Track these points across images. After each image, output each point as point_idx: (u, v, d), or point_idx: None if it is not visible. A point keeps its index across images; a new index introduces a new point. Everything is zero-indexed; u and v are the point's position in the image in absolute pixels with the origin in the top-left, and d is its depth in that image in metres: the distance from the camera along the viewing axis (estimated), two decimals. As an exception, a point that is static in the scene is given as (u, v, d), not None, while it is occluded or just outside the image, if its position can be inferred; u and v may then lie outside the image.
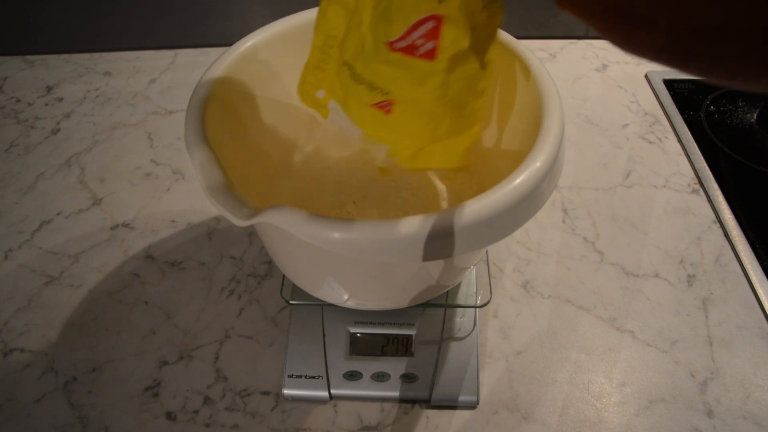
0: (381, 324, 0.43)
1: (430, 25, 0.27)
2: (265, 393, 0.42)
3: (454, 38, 0.27)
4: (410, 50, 0.28)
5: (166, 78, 0.70)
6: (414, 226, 0.26)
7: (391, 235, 0.26)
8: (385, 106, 0.30)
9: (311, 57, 0.34)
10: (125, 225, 0.53)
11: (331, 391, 0.41)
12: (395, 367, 0.42)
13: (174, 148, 0.61)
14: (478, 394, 0.40)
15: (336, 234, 0.26)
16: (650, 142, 0.61)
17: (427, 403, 0.41)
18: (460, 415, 0.40)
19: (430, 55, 0.28)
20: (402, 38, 0.27)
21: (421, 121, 0.30)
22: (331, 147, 0.47)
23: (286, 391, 0.41)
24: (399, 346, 0.42)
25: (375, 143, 0.33)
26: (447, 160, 0.34)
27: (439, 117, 0.30)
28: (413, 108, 0.30)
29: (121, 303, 0.47)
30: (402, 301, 0.39)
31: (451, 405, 0.41)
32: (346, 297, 0.38)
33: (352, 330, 0.43)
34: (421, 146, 0.32)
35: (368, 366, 0.42)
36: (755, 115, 0.63)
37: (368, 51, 0.29)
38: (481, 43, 0.29)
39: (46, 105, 0.66)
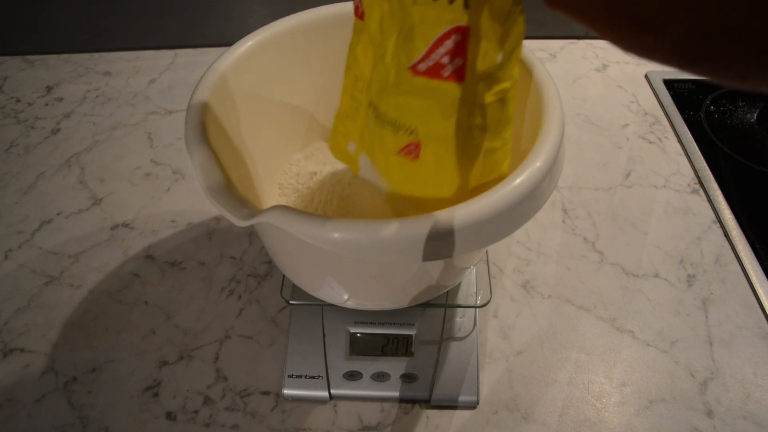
0: (381, 324, 0.43)
1: (455, 39, 0.23)
2: (265, 393, 0.42)
3: (484, 52, 0.24)
4: (435, 71, 0.24)
5: (166, 78, 0.70)
6: (414, 226, 0.26)
7: (391, 235, 0.26)
8: (411, 151, 0.27)
9: (341, 105, 0.30)
10: (125, 225, 0.53)
11: (331, 391, 0.41)
12: (395, 367, 0.42)
13: (174, 148, 0.61)
14: (478, 394, 0.40)
15: (336, 234, 0.26)
16: (650, 142, 0.61)
17: (427, 403, 0.41)
18: (460, 415, 0.40)
19: (459, 75, 0.24)
20: (425, 57, 0.24)
21: (451, 162, 0.27)
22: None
23: (286, 391, 0.41)
24: (399, 346, 0.42)
25: (402, 200, 0.29)
26: None
27: (472, 154, 0.27)
28: (443, 148, 0.26)
29: (121, 303, 0.47)
30: (402, 301, 0.39)
31: (451, 405, 0.41)
32: (346, 297, 0.38)
33: (352, 330, 0.43)
34: (452, 196, 0.28)
35: (368, 366, 0.42)
36: (755, 115, 0.63)
37: (391, 83, 0.26)
38: (509, 57, 0.25)
39: (46, 105, 0.66)
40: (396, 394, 0.41)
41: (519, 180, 0.28)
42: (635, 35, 0.17)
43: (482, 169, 0.28)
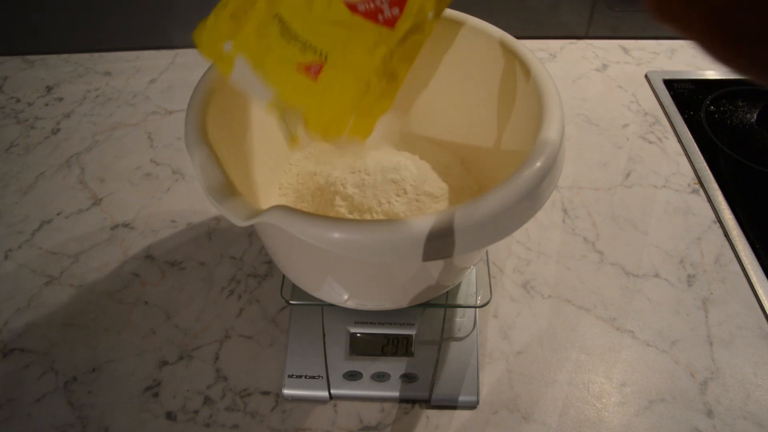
0: (381, 324, 0.43)
1: None
2: (265, 393, 0.42)
3: (420, 7, 0.27)
4: (373, 15, 0.27)
5: (166, 78, 0.70)
6: (414, 226, 0.26)
7: (391, 235, 0.26)
8: (313, 70, 0.28)
9: (229, 3, 0.31)
10: (125, 225, 0.53)
11: (331, 391, 0.41)
12: (395, 367, 0.42)
13: (174, 148, 0.61)
14: (478, 394, 0.40)
15: (336, 234, 0.26)
16: (650, 142, 0.61)
17: (427, 403, 0.41)
18: (460, 415, 0.40)
19: (391, 23, 0.27)
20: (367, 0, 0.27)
21: (352, 88, 0.29)
22: (331, 146, 0.47)
23: (286, 391, 0.41)
24: (399, 346, 0.42)
25: (288, 108, 0.30)
26: (359, 131, 0.31)
27: (373, 85, 0.29)
28: (348, 75, 0.28)
29: (121, 303, 0.47)
30: (402, 301, 0.39)
31: (451, 405, 0.41)
32: (346, 297, 0.38)
33: (352, 330, 0.43)
34: (342, 116, 0.30)
35: (368, 366, 0.42)
36: (755, 115, 0.63)
37: (319, 9, 0.28)
38: (437, 16, 0.28)
39: (46, 105, 0.66)
40: (396, 394, 0.41)
41: (519, 180, 0.28)
42: (734, 51, 0.18)
43: (377, 97, 0.30)
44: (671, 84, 0.67)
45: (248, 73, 0.30)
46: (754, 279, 0.47)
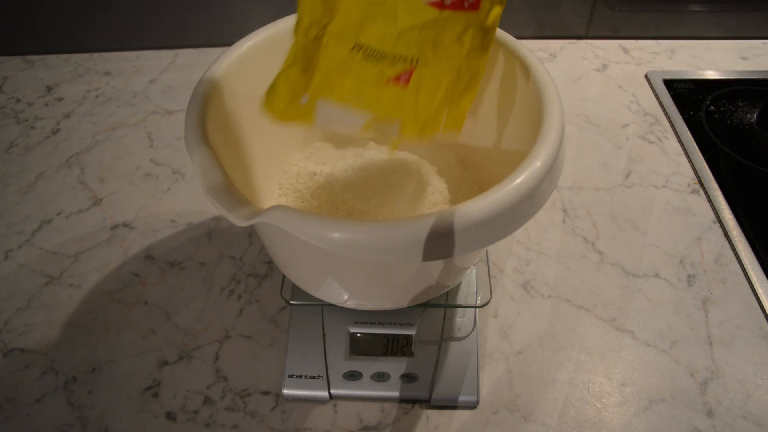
0: (381, 324, 0.43)
1: None
2: (265, 393, 0.42)
3: None
4: (459, 4, 0.27)
5: (166, 78, 0.70)
6: (414, 226, 0.26)
7: (391, 235, 0.26)
8: (403, 79, 0.29)
9: (294, 61, 0.29)
10: (125, 225, 0.53)
11: (331, 391, 0.41)
12: (395, 367, 0.42)
13: (174, 148, 0.61)
14: (478, 394, 0.40)
15: (336, 234, 0.26)
16: (650, 142, 0.61)
17: (427, 403, 0.41)
18: (460, 415, 0.40)
19: (475, 5, 0.27)
20: None
21: (445, 81, 0.29)
22: (331, 146, 0.47)
23: (286, 391, 0.41)
24: (399, 346, 0.42)
25: (385, 124, 0.31)
26: (451, 124, 0.32)
27: (463, 71, 0.29)
28: (441, 69, 0.28)
29: (121, 303, 0.47)
30: (402, 301, 0.39)
31: (451, 405, 0.41)
32: (346, 297, 0.38)
33: (352, 330, 0.43)
34: (438, 111, 0.30)
35: (368, 366, 0.42)
36: (755, 115, 0.63)
37: (404, 20, 0.27)
38: None
39: (46, 105, 0.66)
40: (396, 394, 0.41)
41: (519, 180, 0.28)
42: None
43: (466, 86, 0.31)
44: (671, 84, 0.67)
45: (333, 111, 0.30)
46: (754, 279, 0.47)
